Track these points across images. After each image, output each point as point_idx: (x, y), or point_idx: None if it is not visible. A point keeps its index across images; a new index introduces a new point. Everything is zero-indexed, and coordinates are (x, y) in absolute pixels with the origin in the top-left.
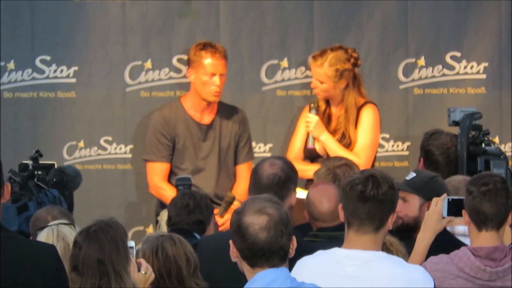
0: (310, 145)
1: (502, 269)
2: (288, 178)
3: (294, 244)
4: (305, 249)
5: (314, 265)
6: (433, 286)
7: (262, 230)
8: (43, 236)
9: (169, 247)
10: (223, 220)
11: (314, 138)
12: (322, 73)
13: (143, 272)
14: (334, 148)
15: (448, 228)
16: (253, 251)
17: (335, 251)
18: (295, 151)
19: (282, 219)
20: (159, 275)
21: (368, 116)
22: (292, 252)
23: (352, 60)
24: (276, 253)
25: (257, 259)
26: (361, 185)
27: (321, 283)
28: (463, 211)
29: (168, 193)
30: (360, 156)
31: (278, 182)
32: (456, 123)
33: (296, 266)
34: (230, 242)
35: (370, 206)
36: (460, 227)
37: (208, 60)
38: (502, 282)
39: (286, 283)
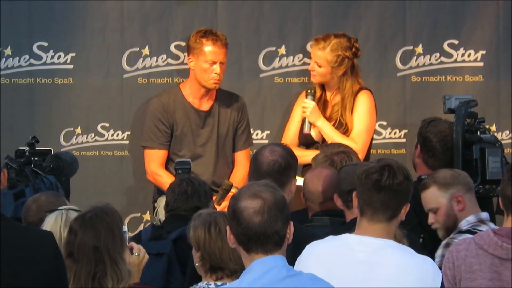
0: (306, 131)
1: None
2: (288, 165)
3: (291, 229)
4: (302, 235)
5: (325, 250)
6: (441, 278)
7: (256, 214)
8: (52, 220)
9: (222, 223)
10: (220, 208)
11: (310, 124)
12: (323, 57)
13: (136, 254)
14: (331, 134)
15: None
16: (248, 235)
17: (347, 237)
18: (290, 137)
19: (277, 203)
20: (210, 251)
21: (363, 101)
22: (289, 238)
23: (353, 49)
24: (271, 237)
25: (252, 244)
26: (377, 174)
27: (332, 268)
28: (499, 197)
29: (165, 179)
30: (356, 141)
31: (278, 169)
32: (451, 111)
33: (306, 250)
34: (227, 228)
35: (385, 195)
36: (463, 222)
37: (209, 48)
38: None
39: (283, 272)
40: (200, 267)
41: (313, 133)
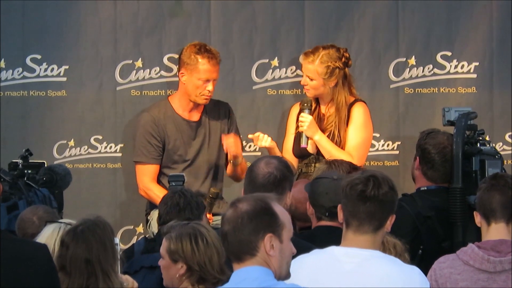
0: (303, 145)
1: (506, 259)
2: (283, 178)
3: (266, 241)
4: (299, 248)
5: (311, 263)
6: (429, 287)
7: (225, 222)
8: (48, 232)
9: (206, 233)
10: (209, 216)
11: (307, 138)
12: (313, 70)
13: (125, 285)
14: (328, 148)
15: None
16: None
17: (333, 249)
18: (289, 151)
19: (251, 212)
20: (202, 263)
21: (358, 114)
22: (268, 250)
23: (343, 59)
24: (237, 246)
25: (228, 252)
26: (362, 185)
27: (319, 280)
28: (475, 213)
29: (158, 194)
30: (353, 155)
31: (273, 181)
32: (451, 123)
33: (293, 264)
34: None
35: (370, 206)
36: None
37: (204, 67)
38: (506, 277)
39: (255, 284)
40: (183, 279)
41: (309, 146)
